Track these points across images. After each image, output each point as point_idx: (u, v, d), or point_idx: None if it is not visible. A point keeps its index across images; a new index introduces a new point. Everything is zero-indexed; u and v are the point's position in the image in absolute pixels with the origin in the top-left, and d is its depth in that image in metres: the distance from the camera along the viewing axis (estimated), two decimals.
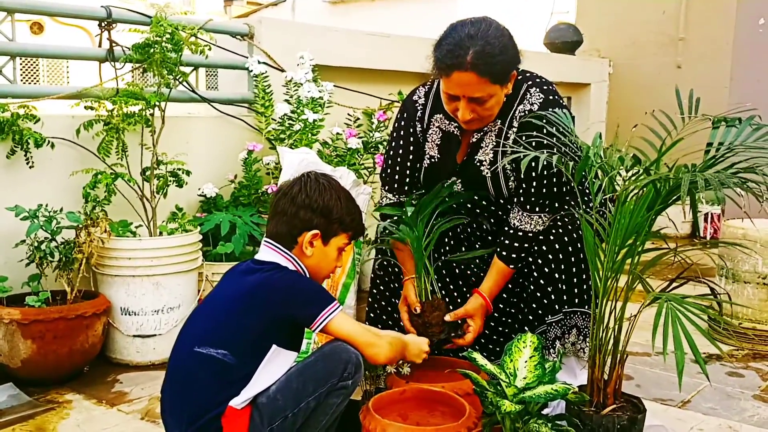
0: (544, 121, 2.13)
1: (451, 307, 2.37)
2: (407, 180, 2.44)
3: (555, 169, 2.20)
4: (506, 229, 2.33)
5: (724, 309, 3.30)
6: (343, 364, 1.80)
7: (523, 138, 2.15)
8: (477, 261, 2.50)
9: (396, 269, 2.49)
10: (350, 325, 1.89)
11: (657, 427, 2.01)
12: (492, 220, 2.43)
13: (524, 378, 1.81)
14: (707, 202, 5.79)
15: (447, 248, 2.53)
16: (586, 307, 2.30)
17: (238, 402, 1.76)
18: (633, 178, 1.85)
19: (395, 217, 2.42)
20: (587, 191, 2.39)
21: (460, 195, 2.40)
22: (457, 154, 2.38)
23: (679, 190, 1.84)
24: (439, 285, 2.45)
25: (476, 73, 2.07)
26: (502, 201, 2.37)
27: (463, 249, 2.52)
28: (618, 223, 1.90)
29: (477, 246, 2.49)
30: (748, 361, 3.07)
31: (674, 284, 2.00)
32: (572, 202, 2.31)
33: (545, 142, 2.08)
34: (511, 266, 2.32)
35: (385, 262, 2.52)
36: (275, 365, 1.82)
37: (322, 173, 2.02)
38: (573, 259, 2.28)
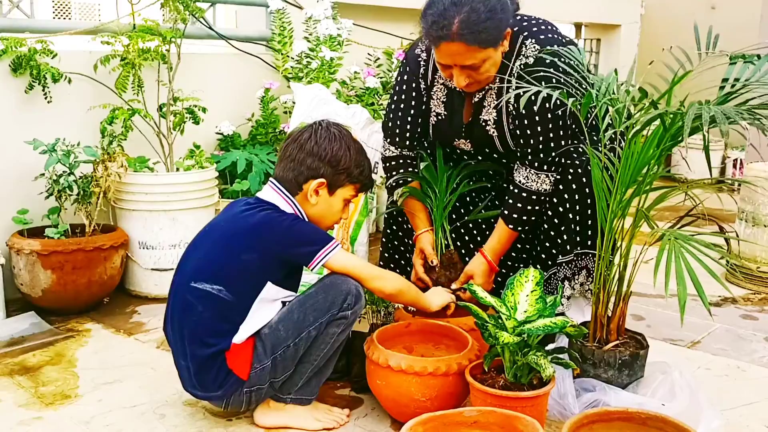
0: (555, 58, 2.08)
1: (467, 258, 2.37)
2: (408, 134, 2.39)
3: (561, 116, 2.15)
4: (511, 187, 2.28)
5: (742, 252, 3.26)
6: (343, 295, 1.83)
7: (532, 77, 2.08)
8: (484, 225, 2.50)
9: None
10: (352, 260, 1.91)
11: (660, 363, 2.02)
12: (503, 183, 2.41)
13: (525, 311, 1.82)
14: (734, 147, 5.67)
15: (455, 210, 2.53)
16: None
17: (238, 339, 1.81)
18: (641, 112, 1.82)
19: (403, 171, 2.42)
20: (596, 125, 2.34)
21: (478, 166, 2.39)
22: (463, 111, 2.33)
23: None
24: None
25: (464, 42, 1.97)
26: (511, 163, 2.34)
27: (471, 209, 2.52)
28: (626, 160, 1.88)
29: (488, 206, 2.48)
30: (764, 304, 3.04)
31: (682, 223, 1.98)
32: (585, 141, 2.27)
33: (554, 79, 2.02)
34: (511, 227, 2.29)
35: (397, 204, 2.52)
36: (268, 308, 1.85)
37: (335, 123, 1.99)
38: (589, 200, 2.25)
